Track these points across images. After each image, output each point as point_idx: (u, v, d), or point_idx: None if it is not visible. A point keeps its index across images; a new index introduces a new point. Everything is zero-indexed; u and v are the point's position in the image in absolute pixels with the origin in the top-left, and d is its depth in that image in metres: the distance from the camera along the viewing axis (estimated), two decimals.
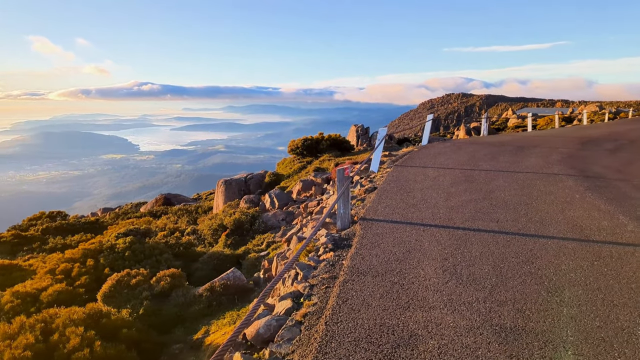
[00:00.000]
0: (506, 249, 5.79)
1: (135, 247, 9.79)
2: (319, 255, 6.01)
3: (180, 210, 21.44)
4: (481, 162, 12.91)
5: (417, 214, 7.64)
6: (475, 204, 8.17)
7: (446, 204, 8.21)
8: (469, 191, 9.23)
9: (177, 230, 13.81)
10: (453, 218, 7.31)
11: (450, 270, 5.13)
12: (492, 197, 8.66)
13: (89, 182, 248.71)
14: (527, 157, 13.73)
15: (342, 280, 4.95)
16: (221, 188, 18.81)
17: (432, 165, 12.63)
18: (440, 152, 15.22)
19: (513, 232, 6.51)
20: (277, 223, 12.95)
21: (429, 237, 6.33)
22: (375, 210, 7.97)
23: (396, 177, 11.08)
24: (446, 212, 7.69)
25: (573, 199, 8.36)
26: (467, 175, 10.96)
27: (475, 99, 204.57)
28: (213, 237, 12.80)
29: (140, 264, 9.51)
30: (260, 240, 11.74)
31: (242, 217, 12.64)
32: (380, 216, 7.55)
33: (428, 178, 10.75)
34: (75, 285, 8.86)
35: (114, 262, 9.43)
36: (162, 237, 11.09)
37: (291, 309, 4.51)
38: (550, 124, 40.22)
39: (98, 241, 10.29)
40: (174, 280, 8.11)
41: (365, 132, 25.34)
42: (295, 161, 22.00)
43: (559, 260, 5.37)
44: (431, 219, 7.27)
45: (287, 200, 14.68)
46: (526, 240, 6.11)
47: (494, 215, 7.43)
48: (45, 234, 19.00)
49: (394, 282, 4.85)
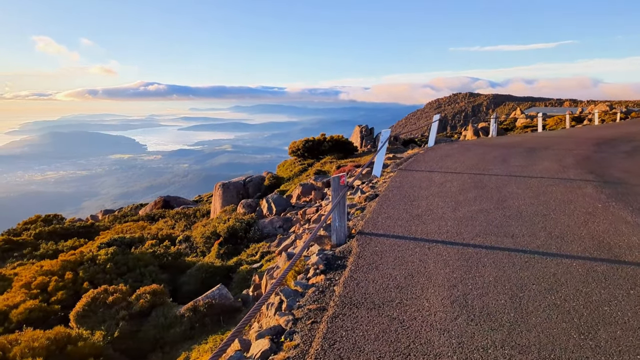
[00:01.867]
0: (524, 273, 4.99)
1: (117, 259, 9.08)
2: (309, 277, 5.25)
3: (177, 213, 20.77)
4: (491, 166, 12.09)
5: (421, 227, 6.85)
6: (487, 215, 7.37)
7: (454, 215, 7.41)
8: (479, 199, 8.43)
9: (167, 238, 13.10)
10: (462, 232, 6.52)
11: (459, 301, 4.34)
12: (505, 207, 7.86)
13: (97, 181, 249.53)
14: (539, 160, 12.89)
15: (332, 314, 4.18)
16: (219, 191, 18.09)
17: (439, 169, 11.82)
18: (448, 155, 14.41)
19: (531, 250, 5.72)
20: (273, 231, 12.20)
21: (435, 257, 5.55)
22: (375, 222, 7.19)
23: (400, 182, 10.29)
24: (454, 224, 6.90)
25: (595, 209, 7.53)
26: (476, 180, 10.16)
27: (483, 99, 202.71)
28: (206, 246, 12.08)
29: (122, 277, 8.80)
30: (254, 250, 11.00)
31: (236, 224, 11.90)
32: (380, 229, 6.77)
33: (434, 184, 9.95)
34: (50, 301, 8.16)
35: (94, 275, 8.72)
36: (150, 246, 10.39)
37: (268, 352, 3.75)
38: (560, 124, 39.15)
39: (79, 252, 9.61)
40: (154, 298, 7.39)
41: (370, 132, 24.51)
42: (296, 163, 21.21)
43: (588, 288, 4.56)
44: (437, 234, 6.48)
45: (286, 205, 13.91)
46: (547, 262, 5.31)
47: (508, 229, 6.63)
48: (38, 239, 18.39)
49: (392, 317, 4.07)
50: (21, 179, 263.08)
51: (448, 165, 12.28)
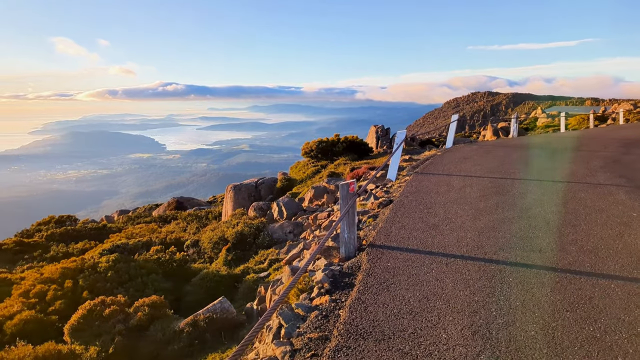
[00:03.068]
0: (556, 296, 4.40)
1: (119, 267, 8.72)
2: (312, 298, 4.74)
3: (190, 215, 20.47)
4: (513, 169, 11.42)
5: (438, 238, 6.29)
6: (510, 225, 6.76)
7: (474, 225, 6.82)
8: (501, 207, 7.81)
9: (175, 242, 12.74)
10: (483, 245, 5.93)
11: (482, 332, 3.78)
12: (530, 216, 7.23)
13: (117, 180, 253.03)
14: (565, 162, 12.17)
15: (335, 346, 3.66)
16: (230, 194, 17.70)
17: (457, 172, 11.20)
18: (466, 157, 13.75)
19: (562, 267, 5.11)
20: (283, 236, 11.73)
21: (454, 275, 4.98)
22: (388, 232, 6.64)
23: (415, 187, 9.71)
24: (475, 236, 6.31)
25: (630, 218, 6.86)
26: (497, 185, 9.52)
27: (502, 98, 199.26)
28: (214, 251, 11.67)
29: (123, 286, 8.43)
30: (263, 257, 10.54)
31: (244, 229, 11.46)
32: (393, 242, 6.22)
33: (452, 189, 9.35)
34: (48, 311, 7.82)
35: (94, 283, 8.37)
36: (155, 252, 10.02)
37: None
38: (583, 124, 37.80)
39: (80, 259, 9.28)
40: (153, 311, 6.97)
41: (386, 133, 23.86)
42: (309, 165, 20.69)
43: (632, 317, 3.96)
44: (456, 247, 5.91)
45: (297, 209, 13.42)
46: (581, 282, 4.71)
47: (535, 241, 6.02)
48: (49, 241, 18.27)
49: (404, 352, 3.53)
50: (44, 177, 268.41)
51: (467, 169, 11.65)
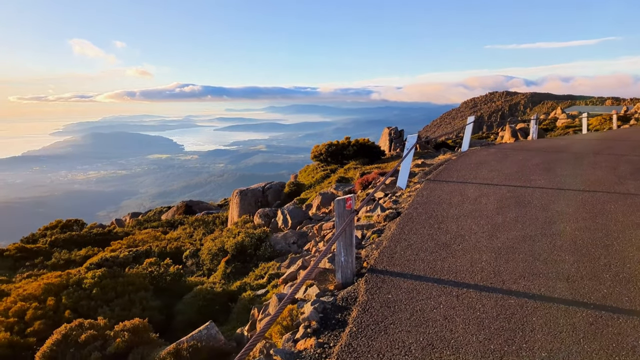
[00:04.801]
0: (592, 345, 3.60)
1: (105, 283, 8.12)
2: (297, 339, 4.01)
3: (197, 220, 19.94)
4: (534, 176, 10.53)
5: (449, 261, 5.50)
6: (532, 245, 5.94)
7: (491, 245, 6.01)
8: (521, 222, 6.98)
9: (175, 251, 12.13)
10: (501, 271, 5.13)
11: None
12: (554, 233, 6.40)
13: (136, 181, 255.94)
14: (590, 168, 11.21)
15: None
16: (236, 199, 17.07)
17: (473, 179, 10.36)
18: (483, 161, 12.86)
19: (595, 303, 4.30)
20: (286, 247, 11.03)
21: (465, 312, 4.21)
22: (393, 252, 5.88)
23: (427, 197, 8.91)
24: (491, 259, 5.51)
25: None
26: (517, 195, 8.67)
27: (520, 97, 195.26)
28: (213, 263, 11.04)
29: (109, 304, 7.82)
30: (263, 270, 9.86)
31: (245, 240, 10.79)
32: (397, 265, 5.46)
33: (467, 199, 8.53)
34: (26, 332, 7.26)
35: (78, 301, 7.79)
36: (148, 265, 9.42)
37: None
38: (605, 124, 36.21)
39: (66, 273, 8.72)
40: (133, 337, 6.33)
41: (400, 135, 22.97)
42: (318, 169, 19.92)
43: None
44: (469, 273, 5.12)
45: (303, 217, 12.71)
46: (619, 323, 3.89)
47: (562, 266, 5.20)
48: (53, 247, 17.91)
49: None
50: (65, 178, 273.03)
51: (483, 175, 10.79)
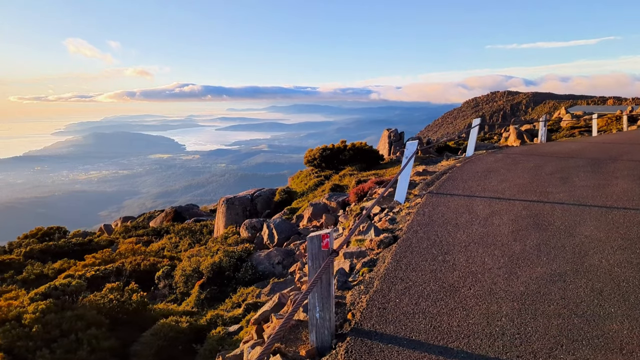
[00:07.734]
0: None
1: (49, 319, 6.87)
2: None
3: (183, 229, 18.68)
4: (550, 187, 9.25)
5: (459, 315, 4.22)
6: (564, 289, 4.66)
7: (510, 288, 4.73)
8: (544, 251, 5.69)
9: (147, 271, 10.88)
10: (529, 337, 3.83)
11: None
12: (588, 269, 5.11)
13: (138, 181, 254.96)
14: (611, 177, 9.91)
15: None
16: (222, 208, 15.75)
17: (481, 192, 9.07)
18: (491, 169, 11.58)
19: None
20: (270, 268, 9.75)
21: None
22: (385, 301, 4.60)
23: (429, 215, 7.63)
24: (513, 313, 4.22)
25: None
26: (534, 213, 7.38)
27: (522, 97, 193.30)
28: (187, 286, 9.78)
29: (50, 346, 6.57)
30: (242, 297, 8.58)
31: (223, 260, 9.52)
32: (390, 323, 4.17)
33: (476, 219, 7.24)
34: None
35: (14, 342, 6.54)
36: (108, 291, 8.16)
37: None
38: (611, 125, 34.69)
39: (7, 304, 7.45)
40: None
41: (400, 137, 21.66)
42: (311, 175, 18.56)
43: None
44: (487, 338, 3.84)
45: (291, 232, 11.42)
46: None
47: (608, 325, 3.91)
48: (28, 258, 16.67)
49: None
50: (66, 178, 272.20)
51: (493, 187, 9.51)
